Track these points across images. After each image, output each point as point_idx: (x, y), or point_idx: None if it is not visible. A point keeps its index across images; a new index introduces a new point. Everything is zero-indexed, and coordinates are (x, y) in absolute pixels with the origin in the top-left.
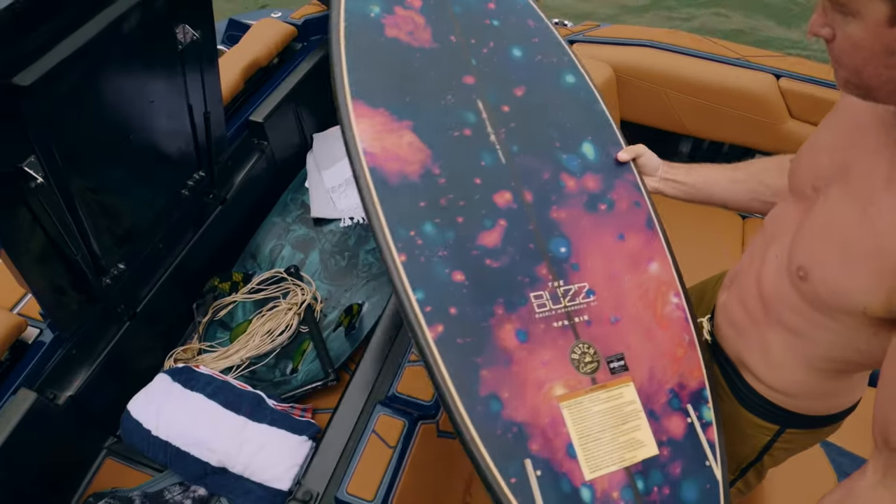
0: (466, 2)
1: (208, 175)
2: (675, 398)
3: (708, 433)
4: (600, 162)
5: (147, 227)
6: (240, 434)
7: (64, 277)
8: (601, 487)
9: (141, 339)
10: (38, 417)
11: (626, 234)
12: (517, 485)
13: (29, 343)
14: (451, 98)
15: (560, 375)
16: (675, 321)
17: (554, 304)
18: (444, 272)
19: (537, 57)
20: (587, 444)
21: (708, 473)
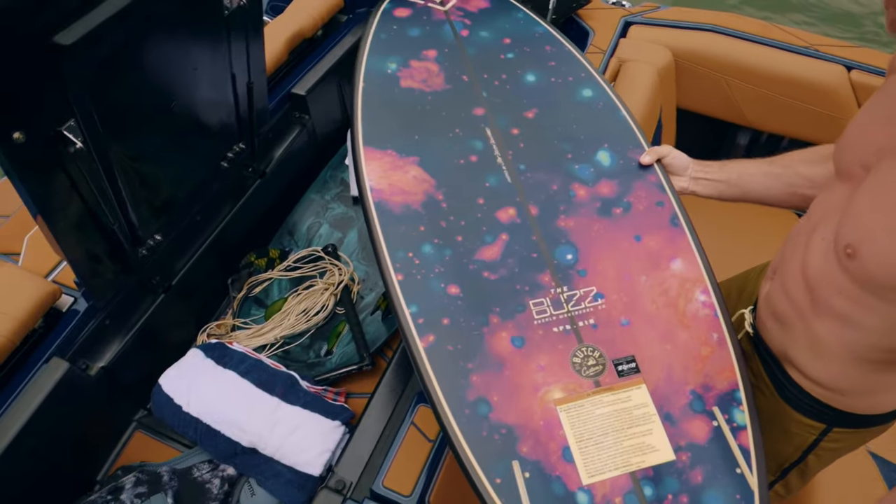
0: (481, 43)
1: (248, 147)
2: (697, 400)
3: (740, 438)
4: (617, 167)
5: (185, 199)
6: (272, 415)
7: (100, 246)
8: (601, 492)
9: (175, 313)
10: (70, 387)
11: (645, 235)
12: (502, 485)
13: (63, 311)
14: (459, 130)
15: (558, 379)
16: (701, 319)
17: (555, 309)
18: (439, 286)
19: (552, 79)
20: (587, 448)
21: (739, 482)
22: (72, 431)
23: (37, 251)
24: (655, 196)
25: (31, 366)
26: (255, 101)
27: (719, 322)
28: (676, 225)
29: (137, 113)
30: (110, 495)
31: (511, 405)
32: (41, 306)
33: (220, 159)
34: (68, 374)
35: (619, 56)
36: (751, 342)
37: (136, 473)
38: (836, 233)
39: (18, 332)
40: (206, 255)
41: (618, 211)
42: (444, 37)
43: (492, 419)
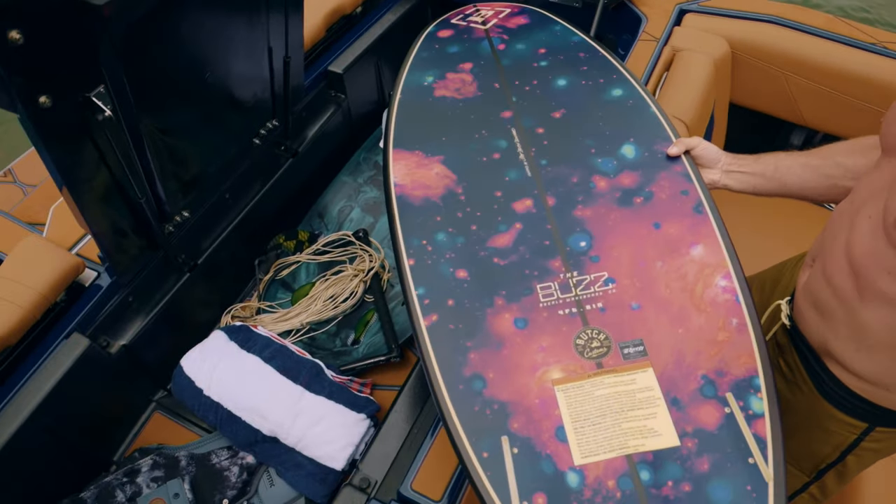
0: (516, 54)
1: (282, 125)
2: (709, 385)
3: (756, 426)
4: (641, 159)
5: (215, 176)
6: (296, 404)
7: (126, 221)
8: (593, 474)
9: (200, 292)
10: (89, 365)
11: (665, 223)
12: (488, 460)
13: (86, 286)
14: (486, 132)
15: (559, 360)
16: (719, 304)
17: (563, 293)
18: (448, 271)
19: (582, 81)
20: (582, 429)
21: (752, 473)
22: (89, 410)
23: (62, 222)
24: (680, 185)
25: (51, 341)
26: (291, 77)
27: (741, 308)
28: (701, 212)
29: (169, 82)
30: (126, 477)
31: (506, 383)
32: (63, 280)
33: (253, 136)
34: (88, 351)
35: (673, 45)
36: (787, 335)
37: (154, 456)
38: (886, 208)
39: (39, 305)
40: (233, 235)
41: (638, 200)
42: (482, 51)
43: (485, 395)
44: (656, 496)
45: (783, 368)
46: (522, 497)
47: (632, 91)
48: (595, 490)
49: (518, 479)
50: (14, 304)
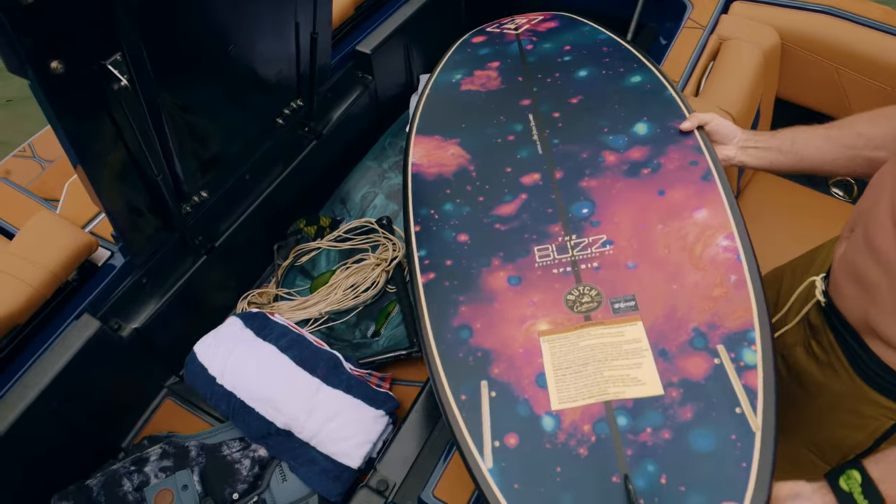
0: (542, 52)
1: (306, 105)
2: (699, 337)
3: (747, 377)
4: (653, 135)
5: (235, 155)
6: (312, 397)
7: (141, 199)
8: (570, 419)
9: (216, 276)
10: (100, 348)
11: (670, 190)
12: (466, 402)
13: (98, 265)
14: (504, 117)
15: (547, 313)
16: (718, 262)
17: (559, 254)
18: (450, 235)
19: (603, 71)
20: (564, 377)
21: (738, 422)
22: (98, 394)
23: (76, 199)
24: (689, 157)
25: (61, 321)
26: (318, 55)
27: (741, 265)
28: (709, 180)
29: (190, 54)
30: (134, 466)
31: (493, 333)
32: (75, 258)
33: (276, 115)
34: (99, 334)
35: (720, 34)
36: (822, 313)
37: (163, 445)
38: None
39: (49, 283)
40: (252, 218)
41: (646, 171)
42: (510, 52)
43: (470, 343)
44: (633, 441)
45: (815, 350)
46: (494, 437)
47: (651, 77)
48: (570, 434)
49: (493, 421)
50: (23, 281)
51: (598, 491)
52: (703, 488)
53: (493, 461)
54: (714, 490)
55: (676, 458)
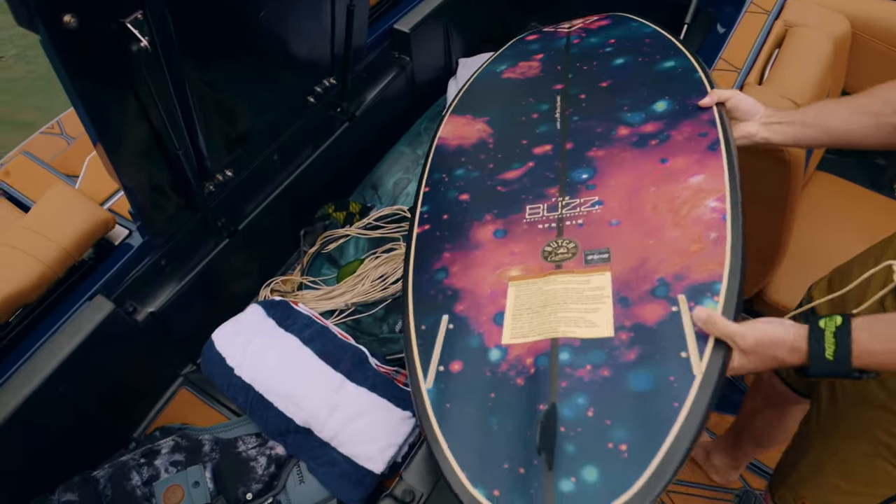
0: (587, 45)
1: (339, 84)
2: (662, 287)
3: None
4: (670, 111)
5: (263, 133)
6: (334, 394)
7: (161, 175)
8: (515, 353)
9: (238, 261)
10: (113, 331)
11: (673, 158)
12: (425, 331)
13: (115, 245)
14: (533, 99)
15: (523, 262)
16: (702, 221)
17: (549, 212)
18: (454, 195)
19: (639, 59)
20: (521, 316)
21: (679, 366)
22: (110, 380)
23: (96, 174)
24: (701, 129)
25: (73, 302)
26: (354, 31)
27: (724, 225)
28: (714, 150)
29: (218, 18)
30: (144, 458)
31: (467, 276)
32: (90, 235)
33: (307, 94)
34: (112, 316)
35: (786, 19)
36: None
37: (176, 437)
38: None
39: (62, 260)
40: (279, 201)
41: (654, 142)
42: (557, 45)
43: (444, 283)
44: (569, 375)
45: None
46: (441, 363)
47: (684, 62)
48: (512, 365)
49: (443, 349)
50: (35, 257)
51: (523, 416)
52: (629, 424)
53: (433, 382)
54: (639, 426)
55: (609, 394)
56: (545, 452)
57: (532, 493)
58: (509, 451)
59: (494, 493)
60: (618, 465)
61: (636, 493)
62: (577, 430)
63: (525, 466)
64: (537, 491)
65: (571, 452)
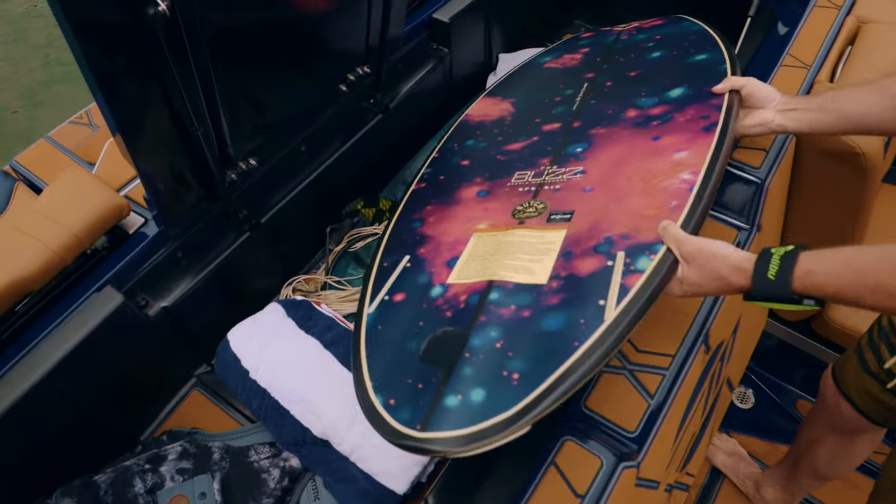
0: (632, 40)
1: (374, 73)
2: (606, 244)
3: (628, 279)
4: (683, 97)
5: (291, 121)
6: (356, 404)
7: (180, 160)
8: (454, 291)
9: (259, 257)
10: (121, 325)
11: (666, 136)
12: (385, 268)
13: (129, 233)
14: (563, 85)
15: (492, 218)
16: (670, 191)
17: (533, 178)
18: (456, 160)
19: (674, 52)
20: (471, 261)
21: (593, 311)
22: (116, 378)
23: (115, 160)
24: (704, 112)
25: (82, 293)
26: (392, 18)
27: (688, 194)
28: (709, 131)
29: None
30: (149, 464)
31: (439, 225)
32: (103, 221)
33: (340, 81)
34: (121, 309)
35: (858, 14)
36: None
37: (184, 443)
38: None
39: (71, 247)
40: (305, 194)
41: (655, 123)
42: (605, 41)
43: (416, 230)
44: (492, 311)
45: None
46: (389, 293)
47: (718, 56)
48: (447, 300)
49: (394, 282)
50: (41, 242)
51: None
52: (528, 357)
53: (375, 308)
54: (536, 359)
55: (522, 331)
56: (440, 370)
57: (420, 405)
58: (417, 369)
59: (390, 401)
60: (504, 391)
61: (507, 418)
62: (479, 357)
63: (424, 383)
64: (425, 403)
65: (466, 374)
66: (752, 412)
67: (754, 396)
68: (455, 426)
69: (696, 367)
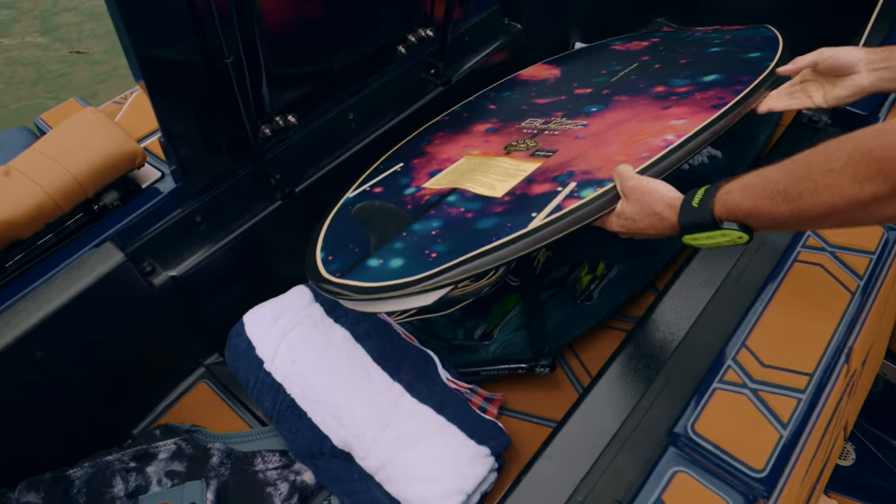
0: (701, 37)
1: (437, 40)
2: (565, 175)
3: (567, 202)
4: (713, 81)
5: (340, 78)
6: (388, 410)
7: (206, 101)
8: (423, 192)
9: (289, 233)
10: (119, 290)
11: (675, 107)
12: (380, 169)
13: (142, 187)
14: (615, 62)
15: (485, 148)
16: (646, 145)
17: (541, 124)
18: (486, 105)
19: (734, 49)
20: (448, 174)
21: (522, 220)
22: (107, 354)
23: (140, 110)
24: (723, 94)
25: (77, 248)
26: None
27: (661, 150)
28: (716, 108)
29: None
30: (134, 462)
31: (441, 147)
32: (110, 167)
33: (399, 41)
34: (120, 271)
35: None
36: None
37: (179, 441)
38: None
39: (70, 193)
40: (347, 167)
41: (674, 98)
42: (680, 35)
43: (422, 148)
44: (441, 208)
45: None
46: (371, 186)
47: (769, 54)
48: (414, 198)
49: (380, 180)
50: (35, 182)
51: None
52: (451, 243)
53: (354, 194)
54: (455, 245)
55: (458, 226)
56: (375, 237)
57: (347, 261)
58: (360, 238)
59: (329, 257)
60: (418, 263)
61: (408, 281)
62: (413, 239)
63: (360, 248)
64: (352, 259)
65: (395, 247)
66: (852, 470)
67: (855, 452)
68: (367, 280)
69: (836, 393)
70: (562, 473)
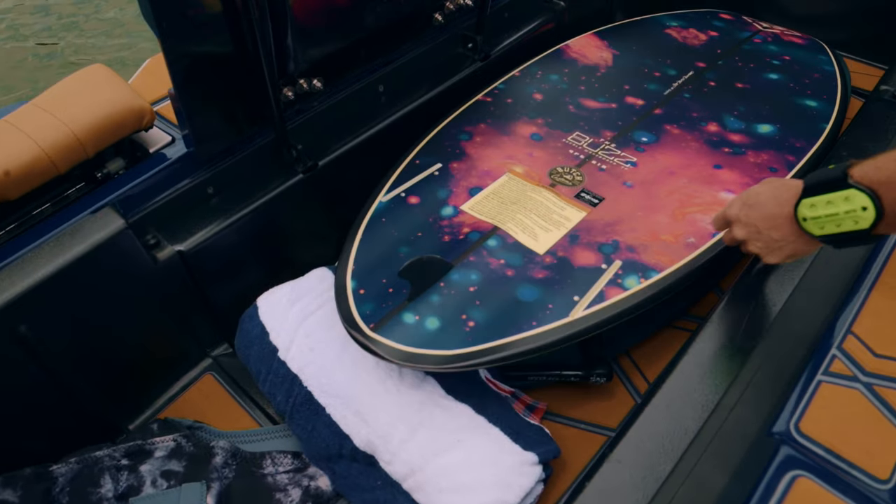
0: (761, 48)
1: (476, 13)
2: (610, 246)
3: (609, 291)
4: (768, 138)
5: (372, 43)
6: (419, 408)
7: (223, 55)
8: (462, 219)
9: (311, 211)
10: (117, 262)
11: (727, 168)
12: (416, 165)
13: (150, 152)
14: (670, 62)
15: (530, 166)
16: (695, 224)
17: (588, 146)
18: (531, 91)
19: (790, 84)
20: (491, 198)
21: (564, 303)
22: (102, 337)
23: (155, 73)
24: (776, 163)
25: (73, 214)
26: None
27: (709, 237)
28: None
29: None
30: (127, 459)
31: (482, 148)
32: (114, 125)
33: (436, 8)
34: (119, 240)
35: None
36: None
37: (180, 437)
38: None
39: (67, 150)
40: (375, 143)
41: (727, 150)
42: (738, 34)
43: (461, 143)
44: (482, 255)
45: None
46: (406, 192)
47: (825, 110)
48: (452, 225)
49: (416, 183)
50: (30, 137)
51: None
52: (490, 313)
53: (387, 199)
54: (494, 319)
55: (498, 287)
56: (413, 285)
57: (382, 307)
58: (394, 274)
59: (360, 291)
60: (454, 331)
61: (445, 356)
62: (450, 292)
63: (395, 289)
64: (387, 307)
65: (432, 301)
66: None
67: None
68: (401, 340)
69: None
70: (635, 480)
